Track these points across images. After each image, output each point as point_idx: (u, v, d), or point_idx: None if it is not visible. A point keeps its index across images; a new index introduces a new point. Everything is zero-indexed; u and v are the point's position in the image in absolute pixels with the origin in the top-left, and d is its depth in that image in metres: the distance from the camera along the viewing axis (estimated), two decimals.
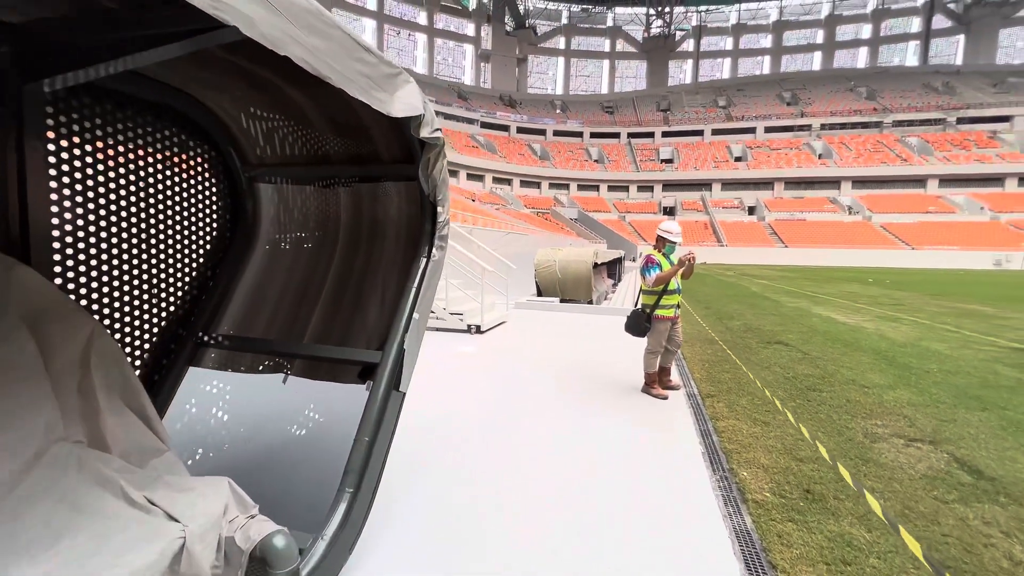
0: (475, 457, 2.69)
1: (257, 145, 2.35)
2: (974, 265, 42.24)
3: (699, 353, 5.45)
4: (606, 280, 15.24)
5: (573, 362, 4.93)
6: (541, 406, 3.50)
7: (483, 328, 6.28)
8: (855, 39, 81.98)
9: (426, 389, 3.86)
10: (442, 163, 1.95)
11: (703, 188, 62.57)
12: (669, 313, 3.81)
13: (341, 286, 2.41)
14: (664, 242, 3.89)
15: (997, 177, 54.15)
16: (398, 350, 1.90)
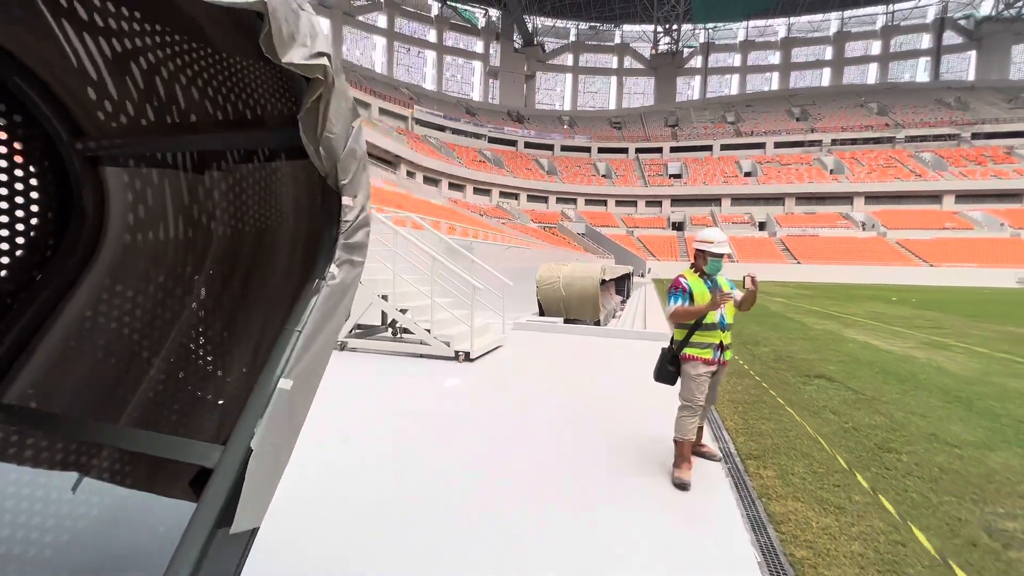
0: (428, 569, 1.83)
1: (96, 106, 1.55)
2: (996, 283, 40.78)
3: (728, 390, 4.56)
4: (614, 297, 14.37)
5: (576, 403, 4.05)
6: (530, 482, 2.61)
7: (473, 355, 5.44)
8: (864, 55, 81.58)
9: (381, 445, 3.00)
10: (341, 112, 1.14)
11: (712, 203, 61.75)
12: (706, 354, 2.74)
13: (199, 330, 1.58)
14: (704, 258, 2.84)
15: (1016, 193, 52.83)
16: (244, 452, 1.05)
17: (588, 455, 2.93)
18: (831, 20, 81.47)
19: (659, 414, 3.54)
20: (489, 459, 2.86)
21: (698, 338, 2.78)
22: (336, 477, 2.54)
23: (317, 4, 64.60)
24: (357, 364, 5.27)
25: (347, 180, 1.22)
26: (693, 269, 2.90)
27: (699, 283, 2.83)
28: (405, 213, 7.17)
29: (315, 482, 2.46)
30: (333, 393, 4.14)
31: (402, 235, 5.62)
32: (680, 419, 2.78)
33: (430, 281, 5.52)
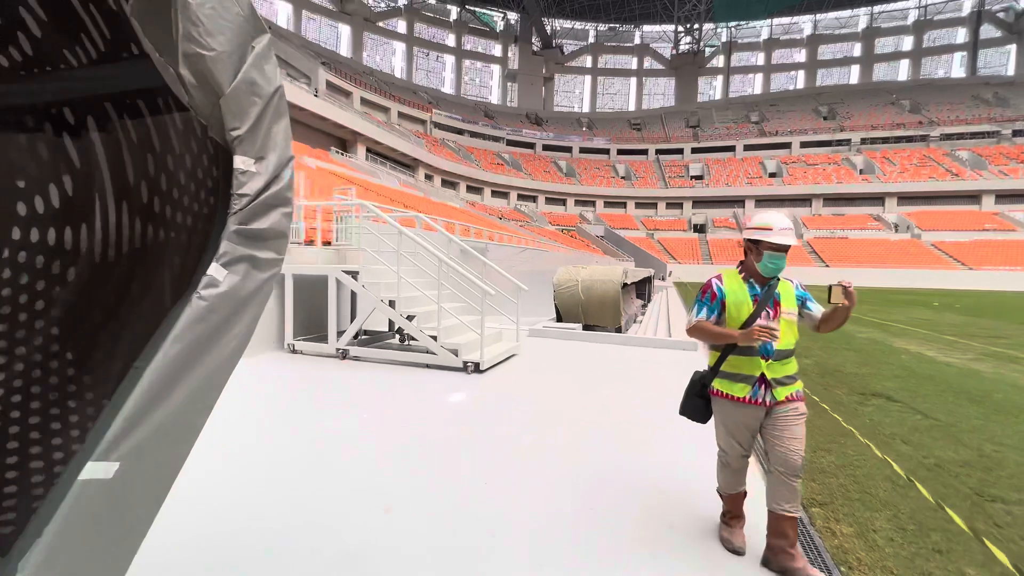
0: None
1: None
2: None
3: None
4: (635, 301, 13.75)
5: (597, 427, 3.53)
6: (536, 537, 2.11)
7: (484, 366, 4.96)
8: (895, 51, 78.75)
9: (355, 477, 2.54)
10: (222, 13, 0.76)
11: (735, 205, 60.19)
12: (738, 390, 1.97)
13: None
14: (758, 251, 1.97)
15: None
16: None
17: (612, 498, 2.41)
18: (860, 16, 78.94)
19: (702, 444, 2.99)
20: (488, 503, 2.36)
21: (730, 366, 1.97)
22: (295, 516, 2.08)
23: (338, 11, 65.58)
24: (356, 374, 4.85)
25: (242, 129, 0.82)
26: (740, 269, 2.06)
27: (740, 290, 2.00)
28: (413, 213, 6.76)
29: (270, 521, 2.02)
30: (320, 408, 3.72)
31: (407, 236, 5.20)
32: (718, 470, 2.13)
33: (437, 285, 5.07)
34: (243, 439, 3.05)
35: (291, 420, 3.49)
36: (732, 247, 51.96)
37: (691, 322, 2.07)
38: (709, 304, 2.05)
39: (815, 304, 2.05)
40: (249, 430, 3.23)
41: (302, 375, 4.87)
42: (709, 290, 2.07)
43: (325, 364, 5.27)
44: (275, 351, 5.82)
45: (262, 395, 4.13)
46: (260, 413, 3.62)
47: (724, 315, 2.00)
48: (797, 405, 1.97)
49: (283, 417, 3.56)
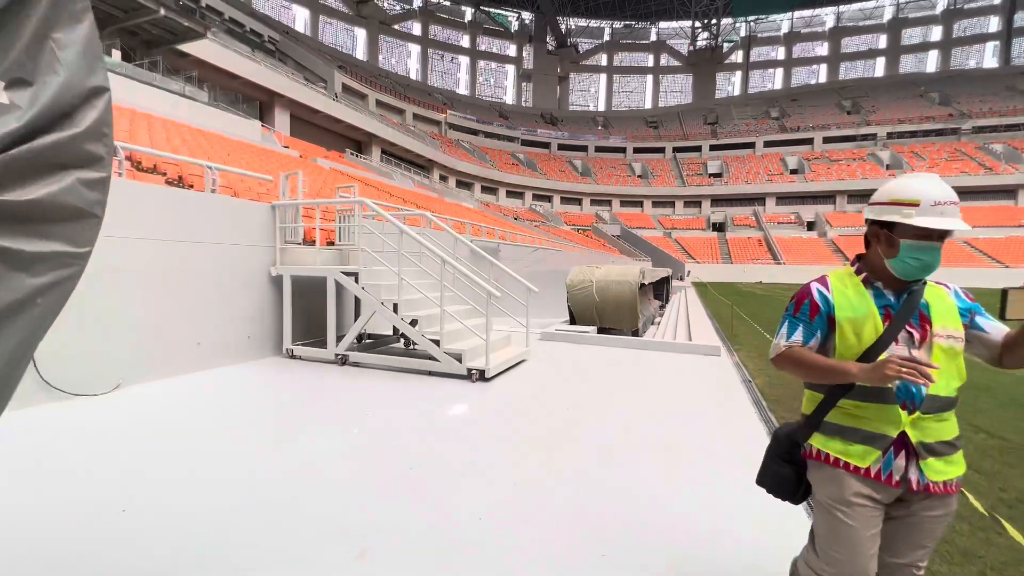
0: None
1: None
2: None
3: None
4: (653, 302, 13.25)
5: (612, 450, 3.14)
6: None
7: (490, 373, 4.60)
8: (923, 42, 76.05)
9: (344, 508, 2.20)
10: None
11: (755, 202, 58.79)
12: (859, 457, 1.28)
13: None
14: (891, 240, 1.29)
15: None
16: None
17: (633, 548, 2.03)
18: (885, 7, 76.47)
19: (752, 489, 2.58)
20: (483, 546, 2.00)
21: (845, 417, 1.31)
22: (244, 557, 1.75)
23: (354, 15, 66.15)
24: (353, 383, 4.54)
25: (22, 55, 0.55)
26: (857, 267, 1.39)
27: (861, 300, 1.33)
28: (419, 211, 6.46)
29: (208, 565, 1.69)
30: (308, 422, 3.40)
31: (409, 235, 4.88)
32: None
33: (439, 287, 4.74)
34: (214, 456, 2.75)
35: (272, 435, 3.18)
36: (753, 245, 50.70)
37: (778, 348, 1.40)
38: (807, 321, 1.37)
39: (991, 320, 1.31)
40: (223, 446, 2.93)
41: (296, 383, 4.58)
42: (807, 300, 1.38)
43: (322, 371, 4.98)
44: (274, 356, 5.56)
45: (248, 405, 3.85)
46: (241, 426, 3.33)
47: (833, 338, 1.34)
48: (951, 501, 1.28)
49: (264, 431, 3.26)
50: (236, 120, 19.36)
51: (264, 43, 39.88)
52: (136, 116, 12.42)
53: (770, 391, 4.54)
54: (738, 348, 6.94)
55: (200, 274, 4.77)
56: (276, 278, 5.54)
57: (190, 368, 4.66)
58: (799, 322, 1.39)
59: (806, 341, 1.37)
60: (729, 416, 3.79)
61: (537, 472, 2.68)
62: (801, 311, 1.39)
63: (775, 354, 1.42)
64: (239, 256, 5.20)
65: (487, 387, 4.47)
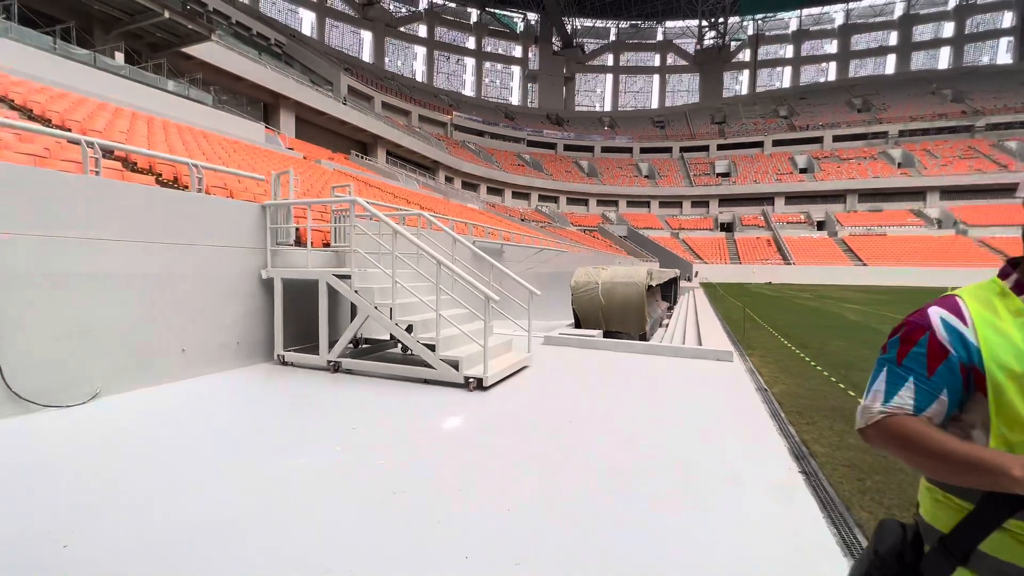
0: None
1: None
2: None
3: (857, 446, 3.23)
4: (660, 304, 12.91)
5: (618, 470, 2.86)
6: None
7: (488, 382, 4.34)
8: (935, 39, 74.91)
9: (312, 545, 1.93)
10: None
11: (764, 202, 58.12)
12: None
13: None
14: None
15: None
16: None
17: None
18: (896, 3, 75.41)
19: (787, 522, 2.29)
20: None
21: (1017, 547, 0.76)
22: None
23: (360, 18, 66.37)
24: (344, 392, 4.30)
25: None
26: (1012, 281, 0.86)
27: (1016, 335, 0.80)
28: (417, 211, 6.21)
29: None
30: (291, 436, 3.15)
31: (403, 235, 4.63)
32: None
33: (435, 290, 4.48)
34: (181, 478, 2.50)
35: (250, 452, 2.94)
36: (762, 246, 50.05)
37: (870, 414, 0.88)
38: (922, 374, 0.85)
39: None
40: (193, 465, 2.68)
41: (284, 392, 4.34)
42: (923, 336, 0.86)
43: (313, 378, 4.74)
44: (264, 363, 5.34)
45: (229, 418, 3.61)
46: (217, 441, 3.08)
47: (980, 404, 0.82)
48: None
49: (242, 448, 3.01)
50: (240, 122, 19.29)
51: (271, 46, 40.00)
52: (137, 117, 12.31)
53: (788, 401, 4.23)
54: (751, 352, 6.62)
55: (186, 277, 4.56)
56: (267, 281, 5.32)
57: (174, 376, 4.44)
58: (908, 374, 0.86)
59: (922, 407, 0.84)
60: (746, 431, 3.49)
61: (536, 498, 2.40)
62: (912, 356, 0.86)
63: (866, 423, 0.88)
64: (228, 258, 4.98)
65: (485, 397, 4.20)
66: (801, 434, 3.38)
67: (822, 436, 3.32)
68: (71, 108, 9.96)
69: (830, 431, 3.46)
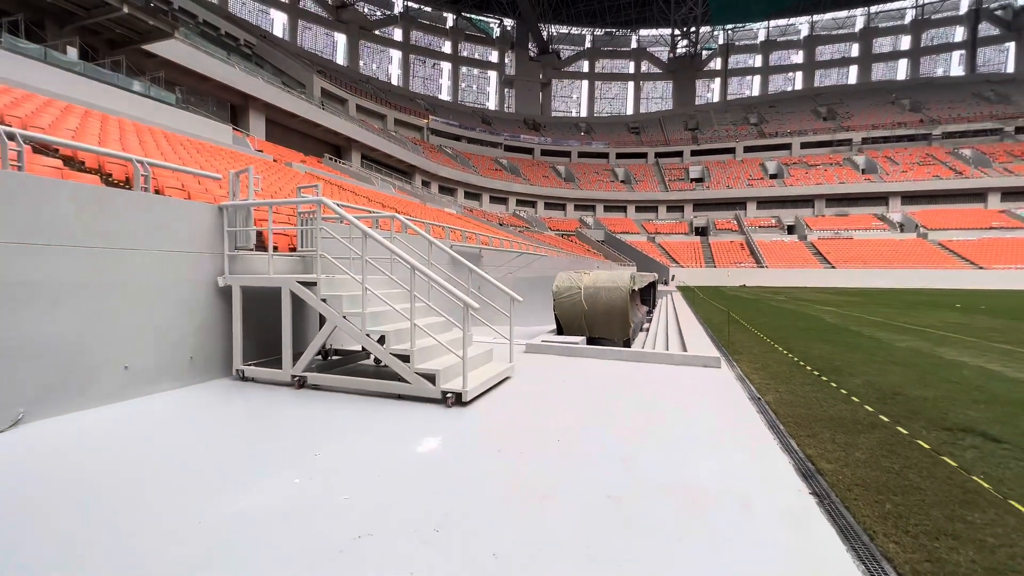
0: None
1: None
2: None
3: (851, 458, 3.02)
4: (641, 308, 12.79)
5: (610, 502, 2.57)
6: None
7: (467, 397, 4.00)
8: (894, 51, 78.38)
9: None
10: None
11: (737, 207, 59.50)
12: None
13: None
14: None
15: None
16: None
17: None
18: (857, 16, 78.65)
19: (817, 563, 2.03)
20: None
21: None
22: None
23: (334, 20, 65.33)
24: (309, 411, 3.89)
25: None
26: None
27: None
28: (389, 213, 5.83)
29: None
30: (243, 466, 2.74)
31: (374, 239, 4.26)
32: None
33: (409, 297, 4.12)
34: (104, 522, 2.09)
35: (193, 487, 2.53)
36: (736, 249, 51.06)
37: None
38: None
39: None
40: (122, 508, 2.27)
41: (240, 412, 3.91)
42: None
43: (275, 395, 4.32)
44: (222, 378, 4.87)
45: (174, 443, 3.17)
46: (157, 472, 2.66)
47: None
48: None
49: (183, 482, 2.60)
50: (206, 123, 18.46)
51: (240, 47, 38.83)
52: (90, 116, 11.55)
53: (783, 411, 4.03)
54: (737, 358, 6.46)
55: (129, 286, 4.08)
56: (224, 289, 4.86)
57: (114, 396, 3.95)
58: None
59: None
60: (747, 446, 3.25)
61: (521, 540, 2.08)
62: None
63: None
64: (179, 265, 4.51)
65: (464, 413, 3.86)
66: (804, 448, 3.16)
67: (827, 451, 3.10)
68: (12, 104, 9.21)
69: (833, 444, 3.25)
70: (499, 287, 5.32)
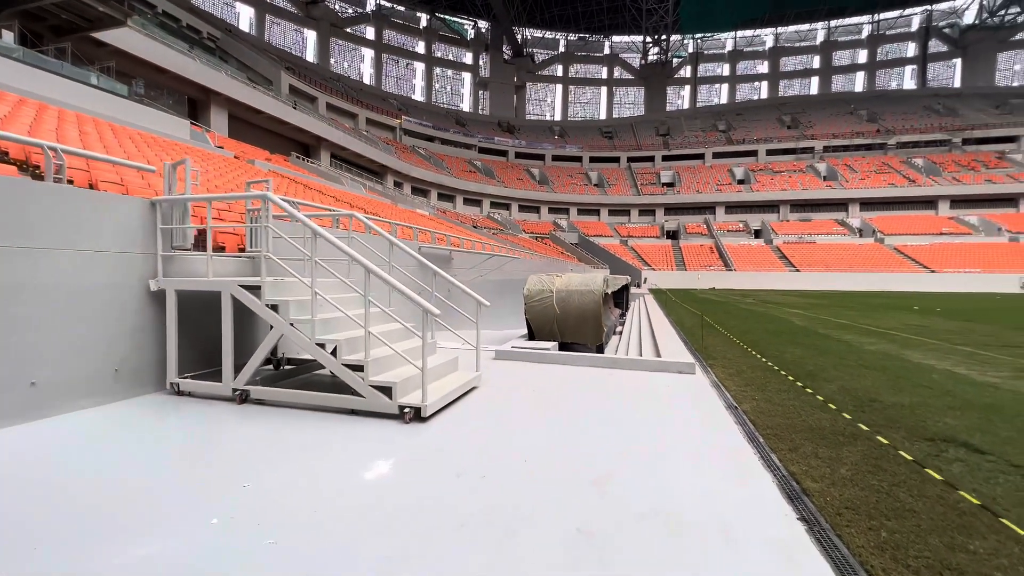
0: None
1: None
2: (1000, 288, 39.77)
3: (837, 477, 2.83)
4: (614, 311, 12.66)
5: (594, 539, 2.28)
6: None
7: (427, 412, 3.66)
8: (852, 64, 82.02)
9: None
10: None
11: (707, 211, 60.85)
12: None
13: None
14: None
15: (1010, 197, 52.47)
16: None
17: None
18: (818, 30, 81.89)
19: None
20: None
21: None
22: None
23: (304, 17, 63.70)
24: (249, 430, 3.47)
25: None
26: None
27: None
28: (347, 212, 5.42)
29: None
30: (160, 501, 2.32)
31: (325, 237, 3.87)
32: None
33: (364, 302, 3.75)
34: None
35: (88, 532, 2.10)
36: (705, 253, 52.12)
37: None
38: None
39: None
40: (4, 561, 1.84)
41: (168, 432, 3.45)
42: None
43: (213, 412, 3.87)
44: (155, 393, 4.37)
45: (78, 472, 2.70)
46: (46, 515, 2.22)
47: None
48: None
49: (79, 525, 2.16)
50: (161, 116, 17.44)
51: (203, 40, 37.28)
52: (25, 104, 10.64)
53: (762, 421, 3.85)
54: (711, 363, 6.32)
55: (38, 291, 3.57)
56: (157, 293, 4.37)
57: (18, 417, 3.43)
58: None
59: None
60: (726, 463, 3.02)
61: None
62: None
63: None
64: (102, 266, 4.01)
65: (422, 431, 3.51)
66: (787, 464, 2.95)
67: (811, 468, 2.90)
68: None
69: (816, 459, 3.05)
70: (465, 291, 4.99)
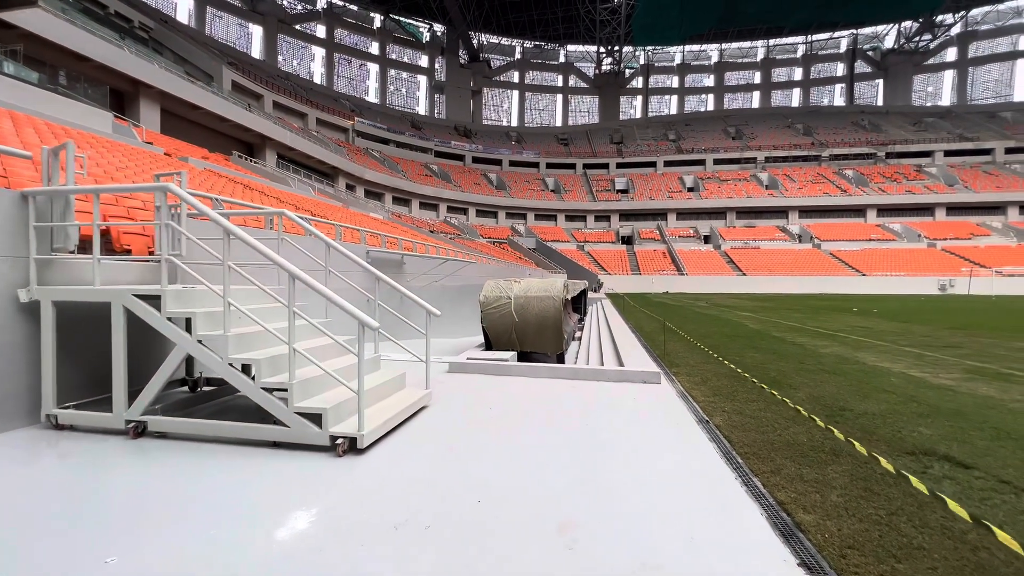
0: None
1: None
2: (921, 289, 43.17)
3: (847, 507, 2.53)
4: (572, 316, 12.41)
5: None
6: None
7: (364, 442, 3.11)
8: (789, 80, 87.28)
9: None
10: None
11: (659, 217, 62.68)
12: None
13: None
14: None
15: (928, 207, 57.27)
16: None
17: None
18: (758, 47, 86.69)
19: None
20: None
21: None
22: None
23: (249, 11, 60.70)
24: (142, 472, 2.80)
25: None
26: None
27: None
28: (275, 210, 4.76)
29: None
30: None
31: (240, 237, 3.26)
32: None
33: (288, 314, 3.16)
34: None
35: None
36: (659, 258, 53.52)
37: None
38: None
39: None
40: None
41: (39, 479, 2.72)
42: None
43: (99, 449, 3.14)
44: (25, 428, 3.56)
45: None
46: None
47: None
48: None
49: None
50: (76, 107, 15.72)
51: (134, 29, 34.54)
52: None
53: (737, 437, 3.56)
54: (675, 371, 6.09)
55: None
56: (30, 305, 3.57)
57: None
58: None
59: None
60: (707, 495, 2.67)
61: None
62: None
63: None
64: None
65: (358, 465, 2.95)
66: (773, 491, 2.63)
67: (799, 494, 2.60)
68: None
69: (803, 483, 2.76)
70: (414, 299, 4.46)
